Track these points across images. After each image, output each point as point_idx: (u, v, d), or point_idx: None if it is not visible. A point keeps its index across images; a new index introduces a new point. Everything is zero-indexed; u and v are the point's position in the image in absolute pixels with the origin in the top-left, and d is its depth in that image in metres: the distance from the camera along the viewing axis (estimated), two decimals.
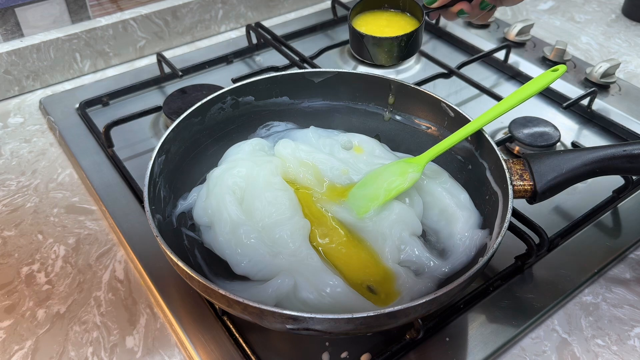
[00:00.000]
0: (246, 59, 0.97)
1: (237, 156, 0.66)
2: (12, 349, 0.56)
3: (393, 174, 0.61)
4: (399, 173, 0.61)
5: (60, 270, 0.63)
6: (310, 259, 0.55)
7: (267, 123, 0.72)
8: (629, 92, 0.90)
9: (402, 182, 0.60)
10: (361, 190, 0.62)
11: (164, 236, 0.49)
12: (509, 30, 1.02)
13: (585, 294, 0.62)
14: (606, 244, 0.66)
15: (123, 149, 0.77)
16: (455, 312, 0.58)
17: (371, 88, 0.70)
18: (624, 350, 0.57)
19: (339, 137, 0.70)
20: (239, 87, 0.67)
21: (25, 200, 0.72)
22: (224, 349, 0.54)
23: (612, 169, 0.56)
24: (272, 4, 1.10)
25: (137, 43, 0.98)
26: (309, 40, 1.03)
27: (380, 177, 0.61)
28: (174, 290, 0.59)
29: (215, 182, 0.62)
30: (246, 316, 0.47)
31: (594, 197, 0.70)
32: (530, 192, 0.56)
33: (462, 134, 0.60)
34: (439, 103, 0.66)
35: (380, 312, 0.43)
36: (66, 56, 0.92)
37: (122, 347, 0.56)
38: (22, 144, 0.81)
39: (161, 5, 0.97)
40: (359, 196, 0.62)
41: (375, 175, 0.62)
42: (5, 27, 0.87)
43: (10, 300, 0.60)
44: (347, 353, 0.54)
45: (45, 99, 0.87)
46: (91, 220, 0.69)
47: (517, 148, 0.78)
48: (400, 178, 0.60)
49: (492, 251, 0.49)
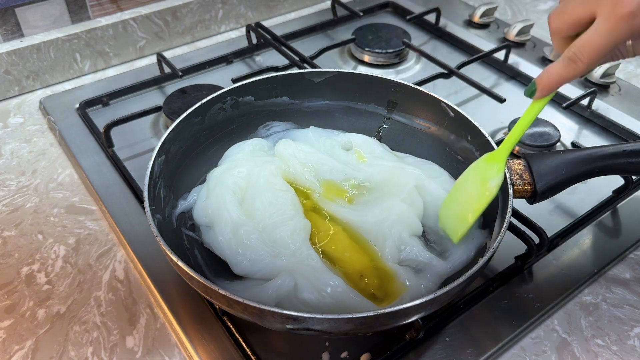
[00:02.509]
0: (246, 59, 0.97)
1: (238, 156, 0.66)
2: (12, 349, 0.56)
3: (475, 185, 0.56)
4: (481, 182, 0.55)
5: (60, 270, 0.63)
6: (311, 259, 0.55)
7: (267, 123, 0.72)
8: (628, 92, 0.90)
9: (488, 194, 0.54)
10: (449, 211, 0.58)
11: (164, 236, 0.49)
12: (509, 31, 1.02)
13: (585, 294, 0.62)
14: (606, 244, 0.66)
15: (123, 149, 0.77)
16: (455, 312, 0.58)
17: (371, 88, 0.70)
18: (624, 350, 0.57)
19: (339, 137, 0.70)
20: (239, 87, 0.67)
21: (25, 200, 0.72)
22: (224, 349, 0.54)
23: (612, 168, 0.56)
24: (272, 4, 1.10)
25: (137, 43, 0.98)
26: (309, 40, 1.03)
27: (464, 192, 0.57)
28: (174, 290, 0.59)
29: (215, 182, 0.62)
30: (246, 316, 0.47)
31: (594, 197, 0.70)
32: (530, 192, 0.56)
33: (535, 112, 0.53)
34: (439, 103, 0.66)
35: (380, 312, 0.43)
36: (66, 56, 0.92)
37: (122, 347, 0.56)
38: (22, 144, 0.81)
39: (161, 5, 0.97)
40: (449, 217, 0.58)
41: (458, 190, 0.58)
42: (5, 27, 0.87)
43: (10, 300, 0.60)
44: (347, 353, 0.54)
45: (45, 99, 0.87)
46: (91, 220, 0.69)
47: (517, 148, 0.78)
48: (482, 187, 0.55)
49: (492, 251, 0.49)
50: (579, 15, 0.45)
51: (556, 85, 0.47)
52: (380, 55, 0.96)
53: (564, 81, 0.47)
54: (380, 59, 0.96)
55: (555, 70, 0.47)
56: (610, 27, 0.43)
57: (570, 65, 0.45)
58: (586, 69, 0.45)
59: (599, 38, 0.43)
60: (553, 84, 0.47)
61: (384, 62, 0.97)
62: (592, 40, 0.44)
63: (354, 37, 0.98)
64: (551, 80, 0.47)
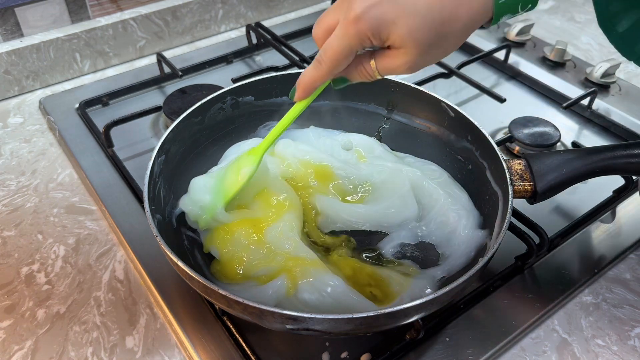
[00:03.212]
0: (246, 59, 0.97)
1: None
2: (12, 349, 0.56)
3: (234, 172, 0.59)
4: (237, 170, 0.59)
5: (60, 270, 0.63)
6: (310, 259, 0.55)
7: (267, 123, 0.72)
8: (629, 92, 0.90)
9: (240, 180, 0.58)
10: (213, 187, 0.59)
11: (164, 236, 0.49)
12: (509, 30, 1.02)
13: (585, 294, 0.62)
14: (606, 244, 0.66)
15: (123, 149, 0.77)
16: (455, 312, 0.58)
17: (371, 88, 0.70)
18: (624, 351, 0.57)
19: (339, 137, 0.70)
20: (239, 87, 0.67)
21: (25, 200, 0.72)
22: (224, 349, 0.54)
23: (613, 168, 0.56)
24: (272, 4, 1.10)
25: (137, 43, 0.98)
26: (309, 40, 1.02)
27: (226, 176, 0.59)
28: (174, 290, 0.59)
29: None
30: (246, 316, 0.47)
31: (594, 197, 0.70)
32: (530, 192, 0.56)
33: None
34: (439, 103, 0.66)
35: (380, 312, 0.43)
36: (66, 56, 0.92)
37: (122, 347, 0.56)
38: (22, 144, 0.81)
39: (161, 5, 0.97)
40: (210, 192, 0.59)
41: (225, 173, 0.60)
42: (5, 27, 0.87)
43: (10, 300, 0.60)
44: (347, 353, 0.54)
45: (45, 99, 0.87)
46: (91, 220, 0.69)
47: (517, 148, 0.78)
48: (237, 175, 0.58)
49: (493, 251, 0.49)
50: (328, 22, 0.48)
51: (311, 86, 0.51)
52: None
53: (316, 82, 0.50)
54: None
55: (308, 73, 0.50)
56: (343, 31, 0.46)
57: (317, 66, 0.49)
58: (330, 69, 0.48)
59: (336, 41, 0.46)
60: (308, 85, 0.51)
61: None
62: (331, 43, 0.47)
63: None
64: (306, 82, 0.51)
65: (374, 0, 0.44)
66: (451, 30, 0.45)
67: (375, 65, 0.48)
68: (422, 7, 0.43)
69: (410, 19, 0.44)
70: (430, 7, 0.43)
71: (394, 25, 0.44)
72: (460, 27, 0.45)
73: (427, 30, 0.44)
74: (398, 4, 0.44)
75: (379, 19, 0.44)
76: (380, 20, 0.44)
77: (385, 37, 0.45)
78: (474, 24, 0.46)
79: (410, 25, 0.44)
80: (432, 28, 0.44)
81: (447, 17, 0.44)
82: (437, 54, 0.47)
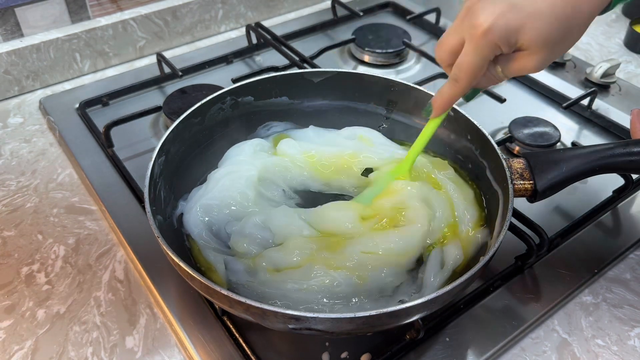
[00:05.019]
0: (246, 59, 0.97)
1: (239, 158, 0.66)
2: (12, 349, 0.56)
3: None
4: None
5: (60, 270, 0.63)
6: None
7: (267, 123, 0.72)
8: (629, 92, 0.90)
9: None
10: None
11: (164, 237, 0.49)
12: None
13: (585, 294, 0.62)
14: (606, 244, 0.66)
15: (123, 149, 0.77)
16: (455, 312, 0.58)
17: (371, 88, 0.70)
18: (624, 351, 0.57)
19: (341, 131, 0.70)
20: (239, 87, 0.67)
21: (25, 200, 0.72)
22: (224, 349, 0.54)
23: (612, 166, 0.56)
24: (272, 4, 1.10)
25: (137, 43, 0.98)
26: (309, 40, 1.03)
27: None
28: (174, 290, 0.59)
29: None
30: (248, 316, 0.47)
31: (594, 197, 0.70)
32: (530, 191, 0.56)
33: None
34: None
35: (381, 312, 0.44)
36: (66, 56, 0.92)
37: (122, 347, 0.56)
38: (22, 144, 0.81)
39: (161, 5, 0.97)
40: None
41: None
42: (5, 27, 0.87)
43: (10, 300, 0.60)
44: (347, 353, 0.54)
45: (45, 99, 0.87)
46: (91, 220, 0.69)
47: (517, 148, 0.78)
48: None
49: (493, 250, 0.49)
50: (452, 43, 0.51)
51: (448, 104, 0.54)
52: (380, 55, 0.96)
53: (453, 100, 0.53)
54: (380, 59, 0.96)
55: (445, 91, 0.53)
56: (473, 46, 0.48)
57: (454, 84, 0.52)
58: (468, 84, 0.51)
59: (469, 57, 0.49)
60: (445, 104, 0.54)
61: (384, 62, 0.97)
62: (464, 60, 0.49)
63: (354, 37, 0.98)
64: (444, 100, 0.54)
65: (496, 13, 0.46)
66: (576, 23, 0.47)
67: (502, 69, 0.51)
68: (545, 8, 0.46)
69: (536, 23, 0.46)
70: (553, 6, 0.46)
71: (521, 31, 0.47)
72: (584, 18, 0.48)
73: (553, 29, 0.47)
74: (521, 11, 0.46)
75: (506, 29, 0.46)
76: (507, 29, 0.46)
77: (514, 43, 0.48)
78: (595, 14, 0.49)
79: (537, 28, 0.46)
80: (558, 26, 0.47)
81: (571, 13, 0.46)
82: (563, 48, 0.50)
